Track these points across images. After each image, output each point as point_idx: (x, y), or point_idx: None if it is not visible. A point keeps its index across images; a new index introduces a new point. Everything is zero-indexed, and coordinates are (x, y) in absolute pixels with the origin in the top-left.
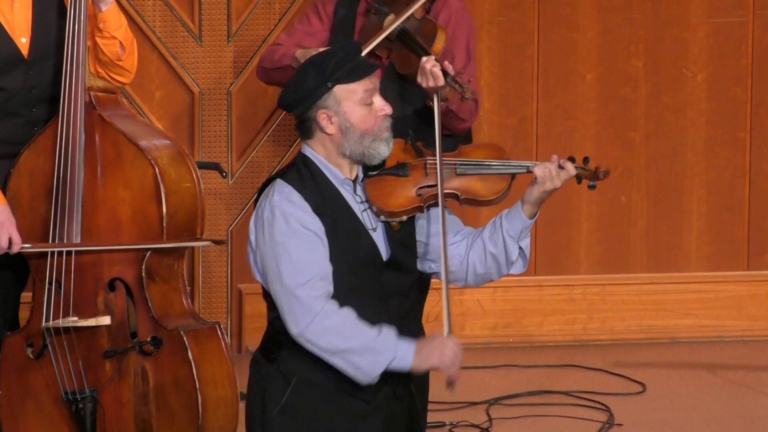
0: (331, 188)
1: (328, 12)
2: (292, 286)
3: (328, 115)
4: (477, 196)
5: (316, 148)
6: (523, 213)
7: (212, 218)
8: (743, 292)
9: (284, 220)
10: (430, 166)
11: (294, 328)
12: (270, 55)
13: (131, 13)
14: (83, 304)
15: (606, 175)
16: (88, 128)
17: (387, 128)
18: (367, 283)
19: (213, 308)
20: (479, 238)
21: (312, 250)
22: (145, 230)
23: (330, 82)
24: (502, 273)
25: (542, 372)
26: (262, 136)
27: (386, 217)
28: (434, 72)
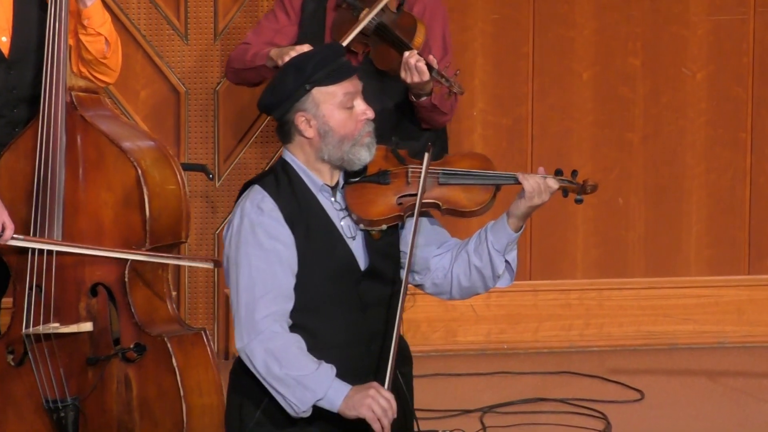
0: (309, 195)
1: (295, 7)
2: (245, 299)
3: (306, 118)
4: (459, 207)
5: (296, 152)
6: (508, 226)
7: (198, 222)
8: (744, 297)
9: (251, 230)
10: (412, 175)
11: (238, 342)
12: (240, 55)
13: (115, 11)
14: (65, 309)
15: (594, 190)
16: (70, 129)
17: (369, 133)
18: (344, 293)
19: (199, 313)
20: (464, 251)
21: (273, 264)
22: (128, 234)
23: (308, 84)
24: (488, 287)
25: (537, 379)
26: (250, 137)
27: (365, 225)
28: (419, 67)
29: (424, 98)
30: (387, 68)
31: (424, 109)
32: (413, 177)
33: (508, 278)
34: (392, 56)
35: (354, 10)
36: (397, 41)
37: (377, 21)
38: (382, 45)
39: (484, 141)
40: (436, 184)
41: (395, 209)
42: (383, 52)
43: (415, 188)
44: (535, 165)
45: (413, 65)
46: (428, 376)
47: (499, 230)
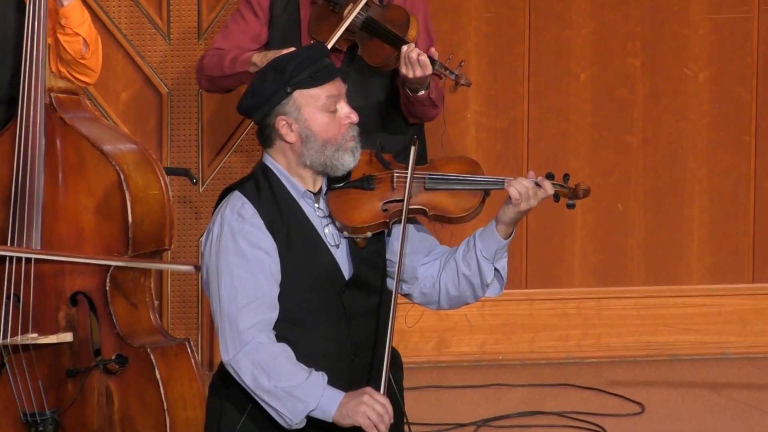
0: (290, 201)
1: (263, 6)
2: (228, 309)
3: (287, 122)
4: (446, 213)
5: (277, 157)
6: (497, 233)
7: (182, 227)
8: (748, 306)
9: (231, 238)
10: (398, 180)
11: (224, 355)
12: (217, 62)
13: (95, 9)
14: (43, 319)
15: (586, 194)
16: (49, 132)
17: (353, 137)
18: (327, 303)
19: (182, 324)
20: (452, 259)
21: (255, 273)
22: (110, 241)
23: (289, 87)
24: (477, 296)
25: (534, 392)
26: (235, 140)
27: (349, 233)
28: (422, 61)
29: (422, 92)
30: (380, 64)
31: (419, 104)
32: (399, 182)
33: (497, 287)
34: (386, 51)
35: (334, 6)
36: (391, 36)
37: (364, 16)
38: (373, 40)
39: (478, 144)
40: (423, 190)
41: (380, 216)
42: (375, 47)
43: (400, 194)
44: (530, 168)
45: (415, 59)
46: (420, 389)
47: (487, 237)
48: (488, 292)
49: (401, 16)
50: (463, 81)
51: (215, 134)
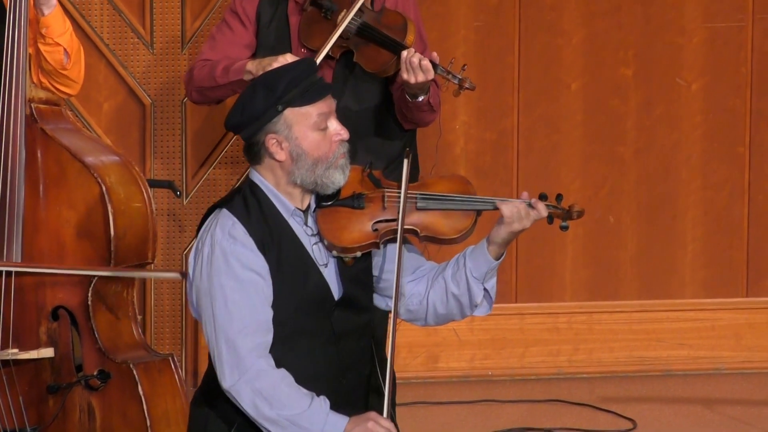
0: (280, 220)
1: (249, 15)
2: (225, 334)
3: (277, 140)
4: (438, 234)
5: (265, 174)
6: (488, 253)
7: (165, 241)
8: (742, 320)
9: (224, 260)
10: (389, 199)
11: (223, 382)
12: (208, 73)
13: (77, 18)
14: (24, 334)
15: (580, 215)
16: (29, 143)
17: (343, 154)
18: (316, 324)
19: (166, 339)
20: (440, 277)
21: (250, 296)
22: (92, 254)
23: (280, 105)
24: (465, 314)
25: (524, 408)
26: (220, 151)
27: (338, 252)
28: (425, 66)
29: (421, 98)
30: (378, 70)
31: (417, 109)
32: (390, 202)
33: (486, 307)
34: (384, 57)
35: (325, 12)
36: (388, 41)
37: (359, 21)
38: (369, 46)
39: (467, 156)
40: (414, 209)
41: (371, 236)
42: (372, 53)
43: (391, 213)
44: (520, 180)
45: (417, 65)
46: (409, 405)
47: (478, 257)
48: (477, 311)
49: (398, 20)
50: (467, 85)
51: (199, 146)
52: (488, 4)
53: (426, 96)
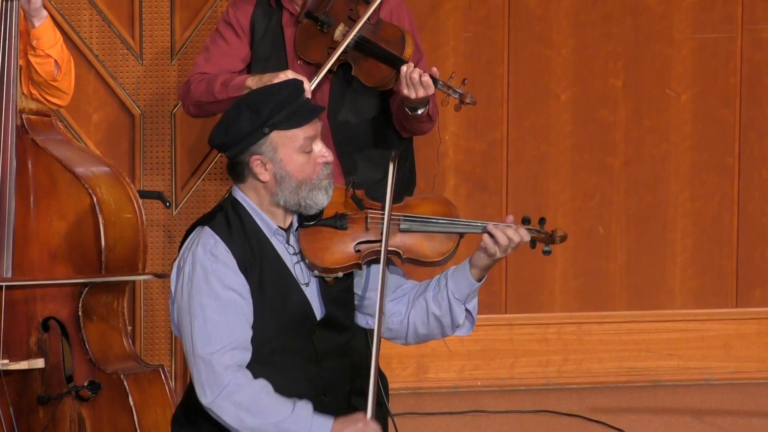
0: (262, 238)
1: (244, 26)
2: (202, 352)
3: (262, 161)
4: (420, 257)
5: (248, 193)
6: (470, 275)
7: (155, 252)
8: (731, 331)
9: (204, 279)
10: (372, 220)
11: (203, 398)
12: (206, 87)
13: (66, 30)
14: (14, 345)
15: (563, 240)
16: (20, 154)
17: (327, 176)
18: (297, 344)
19: (156, 350)
20: (421, 298)
21: (229, 315)
22: (82, 265)
23: (267, 128)
24: (446, 334)
25: (514, 418)
26: (209, 163)
27: (320, 272)
28: (425, 81)
29: (421, 111)
30: (377, 85)
31: (416, 120)
32: (373, 223)
33: (468, 327)
34: (382, 72)
35: (321, 25)
36: (386, 55)
37: (357, 36)
38: (368, 60)
39: (456, 166)
40: (397, 231)
41: (353, 257)
42: (370, 68)
43: (374, 234)
44: (510, 191)
45: (418, 80)
46: (399, 415)
47: (459, 279)
48: (458, 332)
49: (395, 33)
50: (468, 99)
51: (189, 157)
52: (478, 15)
53: (426, 108)
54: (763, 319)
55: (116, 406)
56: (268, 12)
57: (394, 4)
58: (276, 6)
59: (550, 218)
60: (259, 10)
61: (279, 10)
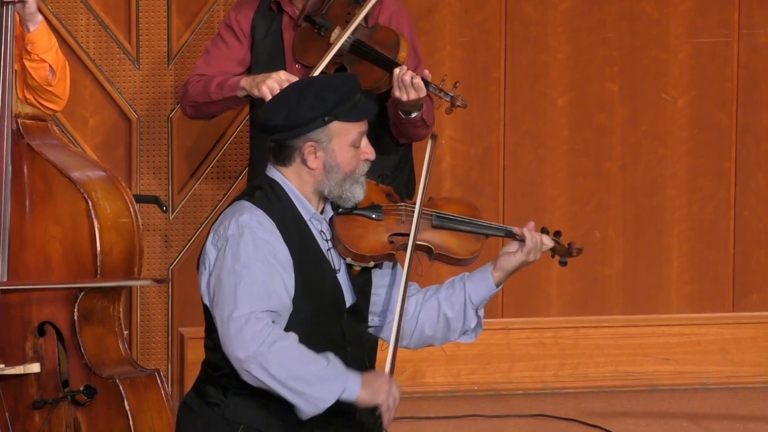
0: (300, 221)
1: (244, 29)
2: (248, 309)
3: (315, 148)
4: (451, 253)
5: (290, 176)
6: (492, 278)
7: (151, 256)
8: (728, 335)
9: (253, 242)
10: (407, 213)
11: (243, 351)
12: (202, 88)
13: (62, 34)
14: (10, 349)
15: (579, 253)
16: (16, 159)
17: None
18: (330, 327)
19: (152, 354)
20: (434, 298)
21: (275, 281)
22: (78, 270)
23: (328, 117)
24: (448, 339)
25: (510, 423)
26: (206, 167)
27: (353, 259)
28: (416, 83)
29: (415, 114)
30: (371, 87)
31: (411, 125)
32: (407, 216)
33: (473, 335)
34: (377, 75)
35: (320, 29)
36: (381, 58)
37: (352, 38)
38: (362, 63)
39: (453, 171)
40: (430, 227)
41: (387, 247)
42: (365, 70)
43: (407, 228)
44: (507, 196)
45: (409, 82)
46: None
47: (479, 282)
48: (463, 338)
49: (390, 36)
50: (459, 103)
51: (186, 161)
52: (474, 20)
53: (419, 113)
54: (759, 323)
55: (112, 410)
56: (268, 16)
57: (394, 9)
58: (277, 10)
59: (547, 223)
60: (259, 14)
61: (279, 14)
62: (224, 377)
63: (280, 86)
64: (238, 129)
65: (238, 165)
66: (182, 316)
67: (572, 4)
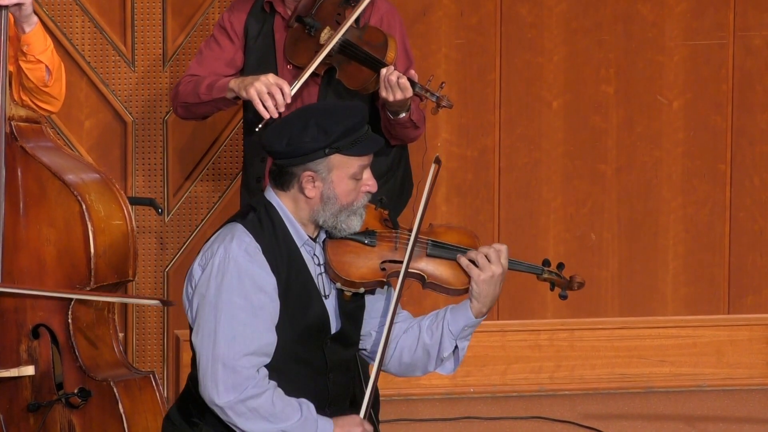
0: (292, 247)
1: (237, 31)
2: (226, 353)
3: (313, 178)
4: (444, 283)
5: (286, 201)
6: (470, 310)
7: (146, 259)
8: (723, 337)
9: (237, 276)
10: (401, 241)
11: (216, 398)
12: (193, 89)
13: (58, 36)
14: (4, 352)
15: (581, 287)
16: (9, 161)
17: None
18: (311, 354)
19: (147, 356)
20: (416, 325)
21: (257, 319)
22: (72, 272)
23: (329, 149)
24: (428, 370)
25: (506, 425)
26: (201, 169)
27: (343, 285)
28: (402, 84)
29: (402, 115)
30: (359, 87)
31: (401, 126)
32: (401, 243)
33: (451, 366)
34: (365, 75)
35: (310, 29)
36: (369, 59)
37: (341, 39)
38: (351, 64)
39: (448, 173)
40: (424, 255)
41: (378, 274)
42: (353, 71)
43: (401, 255)
44: (502, 198)
45: (395, 82)
46: (391, 422)
47: (458, 311)
48: (440, 369)
49: (379, 37)
50: (444, 103)
51: (181, 163)
52: (469, 22)
53: (407, 113)
54: (754, 325)
55: (106, 413)
56: (261, 17)
57: (386, 11)
58: (269, 11)
59: (542, 225)
60: (252, 16)
61: (272, 15)
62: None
63: (268, 89)
64: (233, 131)
65: (233, 167)
66: (177, 318)
67: (567, 6)
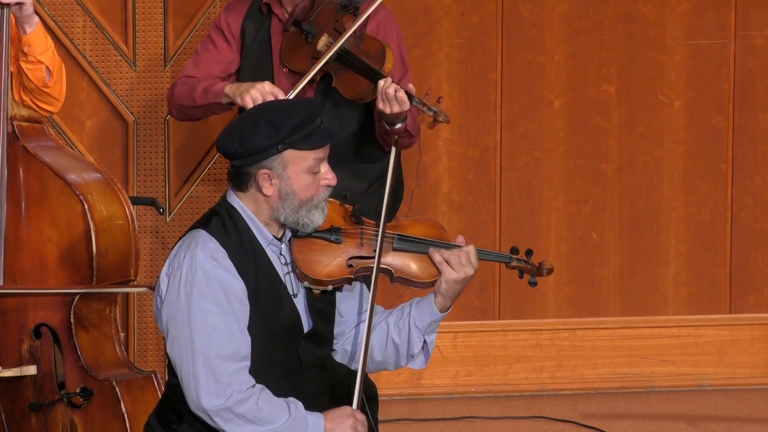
0: (257, 247)
1: (234, 33)
2: (205, 358)
3: (269, 176)
4: (412, 277)
5: (247, 202)
6: (434, 305)
7: (148, 258)
8: (725, 337)
9: (206, 282)
10: (366, 237)
11: (202, 403)
12: (188, 91)
13: (59, 35)
14: (6, 352)
15: (550, 272)
16: (11, 161)
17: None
18: (284, 354)
19: (149, 356)
20: (384, 322)
21: (231, 322)
22: (74, 272)
23: (281, 145)
24: (399, 365)
25: (507, 424)
26: (203, 169)
27: (310, 283)
28: (400, 97)
29: (398, 126)
30: (355, 97)
31: (394, 135)
32: (367, 239)
33: (422, 361)
34: (361, 85)
35: (307, 35)
36: (366, 69)
37: (339, 48)
38: (348, 73)
39: (450, 173)
40: (391, 250)
41: (345, 271)
42: (350, 80)
43: (367, 251)
44: (503, 197)
45: (393, 96)
46: (392, 422)
47: (423, 307)
48: (412, 364)
49: (376, 47)
50: (441, 118)
51: (182, 163)
52: (471, 22)
53: (403, 124)
54: (756, 325)
55: (108, 412)
56: (258, 19)
57: (382, 17)
58: (267, 12)
59: (544, 225)
60: (249, 17)
61: (269, 17)
62: (181, 403)
63: (264, 97)
64: None
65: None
66: None
67: (569, 5)
